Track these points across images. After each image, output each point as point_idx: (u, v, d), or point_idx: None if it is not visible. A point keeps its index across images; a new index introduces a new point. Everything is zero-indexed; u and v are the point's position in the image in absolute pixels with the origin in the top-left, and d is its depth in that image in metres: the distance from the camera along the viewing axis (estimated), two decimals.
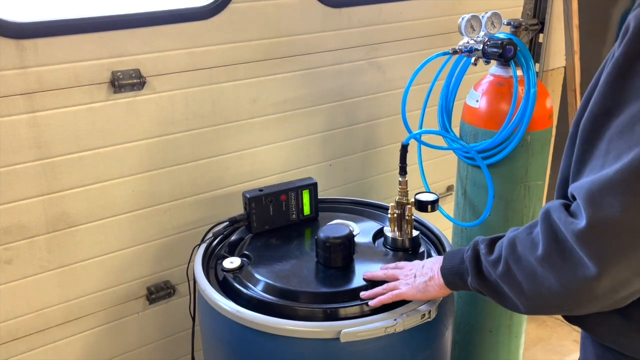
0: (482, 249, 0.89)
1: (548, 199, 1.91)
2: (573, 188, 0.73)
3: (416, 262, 1.09)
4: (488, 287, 0.88)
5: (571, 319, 0.90)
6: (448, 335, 1.20)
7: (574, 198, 0.74)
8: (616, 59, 0.69)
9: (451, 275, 0.96)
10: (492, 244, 0.89)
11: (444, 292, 1.01)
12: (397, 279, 1.06)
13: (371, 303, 1.06)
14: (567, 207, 0.74)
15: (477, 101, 1.37)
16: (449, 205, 1.85)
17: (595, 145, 0.72)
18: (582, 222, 0.69)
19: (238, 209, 1.38)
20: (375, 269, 1.15)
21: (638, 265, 0.68)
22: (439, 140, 1.48)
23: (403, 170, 1.24)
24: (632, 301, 0.76)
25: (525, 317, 1.57)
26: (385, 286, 1.07)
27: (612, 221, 0.67)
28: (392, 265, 1.12)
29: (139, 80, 1.31)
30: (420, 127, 1.52)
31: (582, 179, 0.72)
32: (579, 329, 0.91)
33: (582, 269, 0.70)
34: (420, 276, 1.03)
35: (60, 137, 1.26)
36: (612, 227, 0.67)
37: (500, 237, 0.89)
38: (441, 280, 0.98)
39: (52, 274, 1.34)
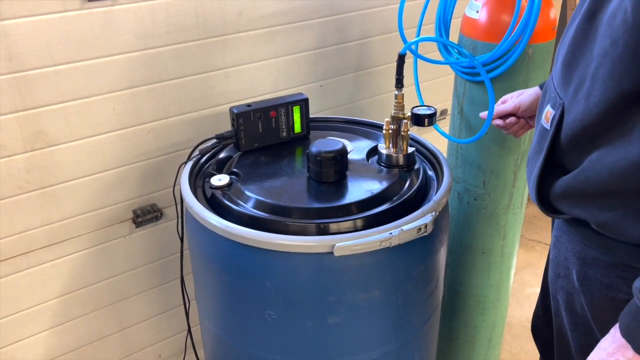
0: None
1: None
2: None
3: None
4: None
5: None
6: (443, 252, 1.18)
7: None
8: None
9: None
10: None
11: None
12: None
13: None
14: None
15: (477, 12, 1.30)
16: (444, 130, 1.80)
17: None
18: None
19: (226, 130, 1.31)
20: (368, 186, 1.12)
21: None
22: (436, 58, 1.41)
23: (399, 83, 1.17)
24: None
25: (517, 238, 1.56)
26: None
27: None
28: None
29: None
30: (416, 43, 1.45)
31: None
32: None
33: None
34: None
35: (33, 48, 1.18)
36: None
37: None
38: None
39: (32, 195, 1.29)
